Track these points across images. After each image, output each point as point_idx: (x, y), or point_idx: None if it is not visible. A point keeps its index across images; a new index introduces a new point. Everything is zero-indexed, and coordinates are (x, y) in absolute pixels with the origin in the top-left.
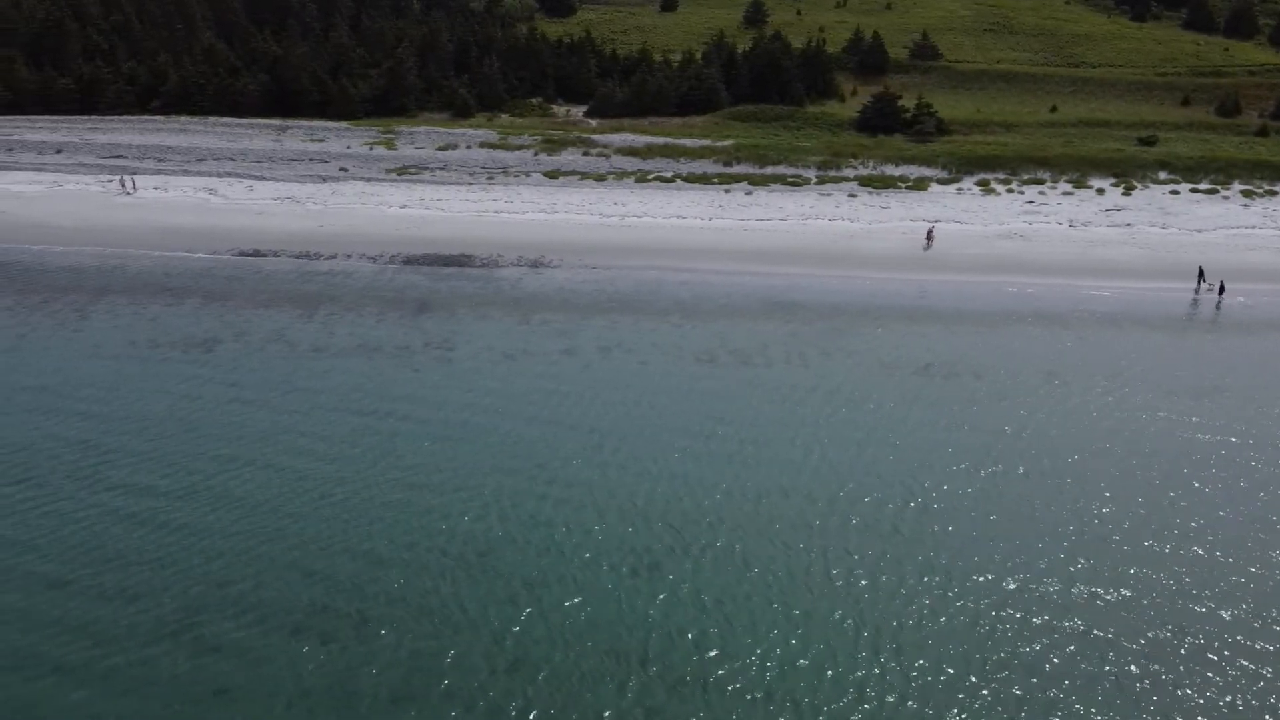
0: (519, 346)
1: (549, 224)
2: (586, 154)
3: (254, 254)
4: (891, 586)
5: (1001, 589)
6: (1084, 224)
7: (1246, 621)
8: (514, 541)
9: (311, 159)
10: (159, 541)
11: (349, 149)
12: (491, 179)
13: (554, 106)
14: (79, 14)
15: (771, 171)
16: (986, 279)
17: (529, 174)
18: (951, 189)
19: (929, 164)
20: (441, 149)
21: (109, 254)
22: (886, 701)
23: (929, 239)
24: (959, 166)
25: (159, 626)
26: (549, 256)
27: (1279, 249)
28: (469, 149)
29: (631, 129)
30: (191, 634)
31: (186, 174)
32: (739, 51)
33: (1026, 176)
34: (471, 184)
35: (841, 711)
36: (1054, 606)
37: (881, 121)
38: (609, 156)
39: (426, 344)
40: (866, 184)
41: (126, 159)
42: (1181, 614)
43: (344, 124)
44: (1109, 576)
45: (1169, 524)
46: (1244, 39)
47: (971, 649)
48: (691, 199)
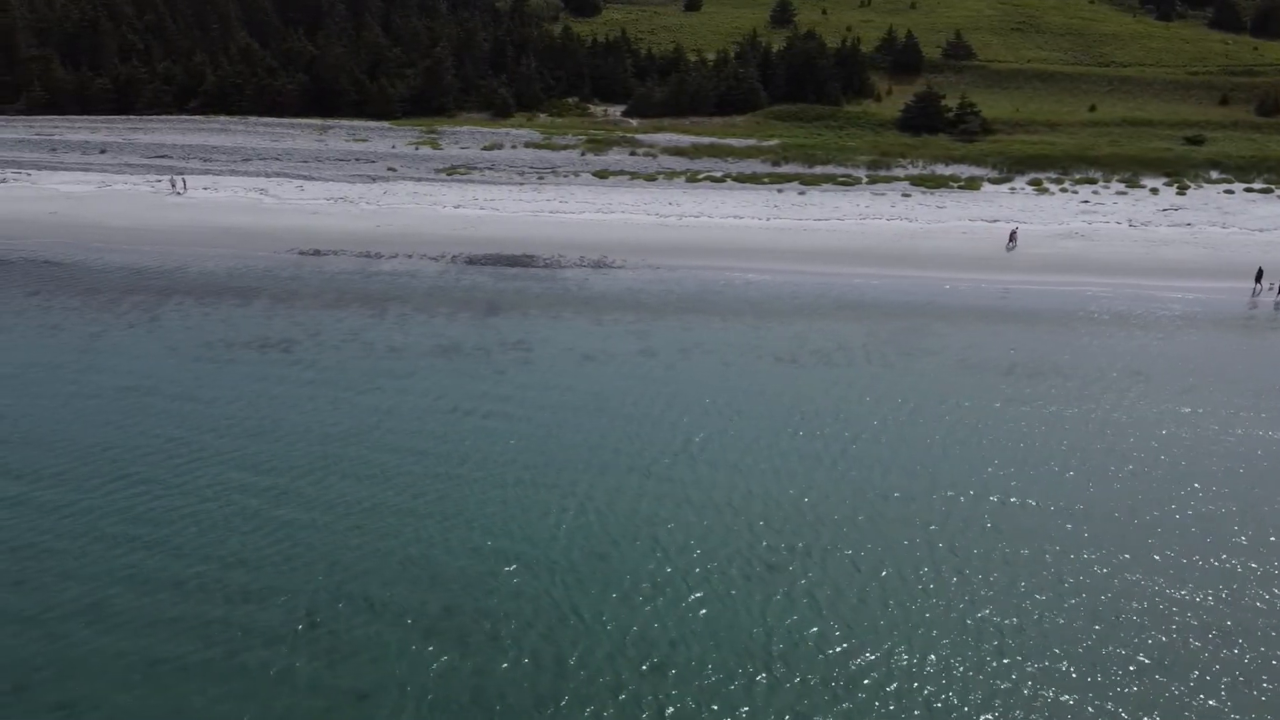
0: (597, 348)
1: (606, 224)
2: (633, 154)
3: (314, 254)
4: (1007, 586)
5: (1120, 588)
6: (1143, 224)
7: None
8: (625, 541)
9: (358, 159)
10: (278, 542)
11: (394, 149)
12: (542, 179)
13: (591, 106)
14: (113, 14)
15: (821, 171)
16: (1055, 279)
17: (578, 174)
18: (1004, 189)
19: (979, 163)
20: (487, 149)
21: (167, 254)
22: (1012, 700)
23: (1012, 239)
24: (1009, 166)
25: (288, 627)
26: (611, 257)
27: None
28: (514, 149)
29: (673, 129)
30: (322, 636)
31: (234, 174)
32: (773, 51)
33: (1078, 176)
34: (522, 184)
35: (967, 711)
36: (1179, 605)
37: (925, 121)
38: (656, 156)
39: (504, 345)
40: (918, 184)
41: (172, 159)
42: None
43: (385, 124)
44: (1233, 575)
45: None
46: (1272, 38)
47: (1092, 648)
48: (745, 199)
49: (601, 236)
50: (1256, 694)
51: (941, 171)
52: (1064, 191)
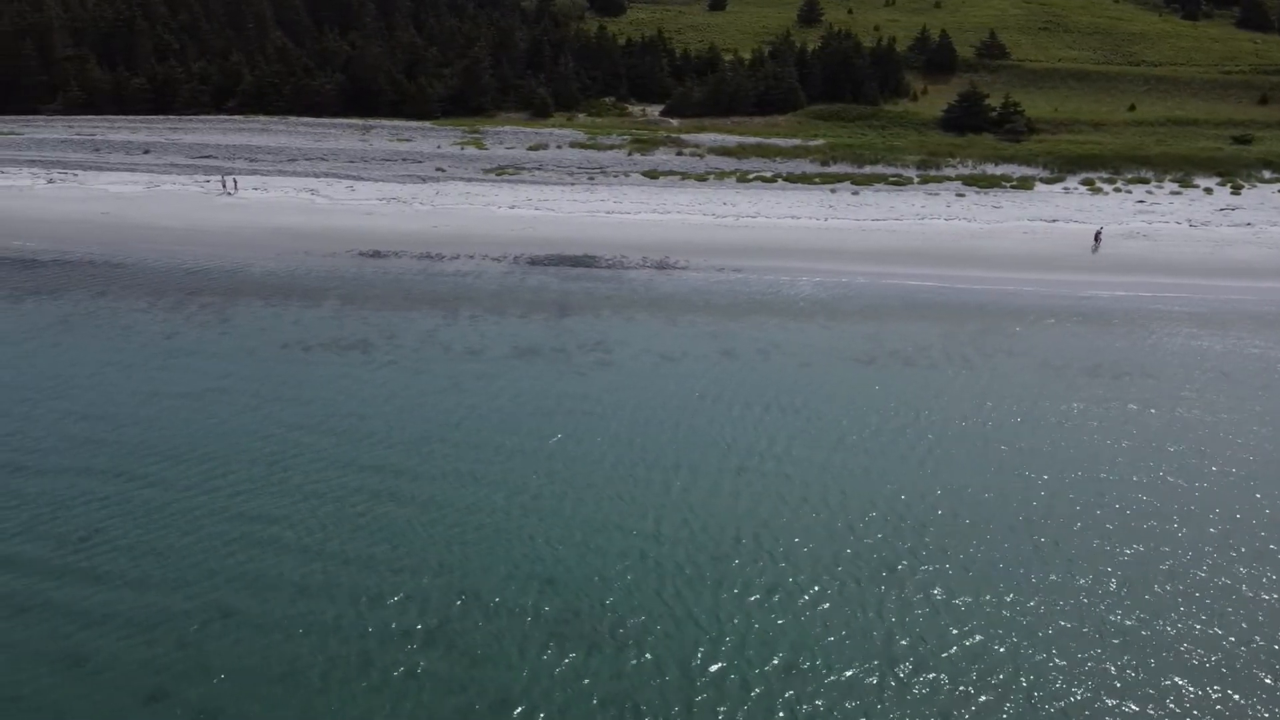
0: (676, 349)
1: (664, 224)
2: (680, 154)
3: (374, 255)
4: (1124, 586)
5: (1235, 587)
6: (1203, 224)
7: None
8: (731, 540)
9: (404, 159)
10: (392, 543)
11: (439, 149)
12: (592, 179)
13: (629, 106)
14: (147, 13)
15: (871, 171)
16: (1123, 279)
17: (628, 174)
18: (1057, 189)
19: (1029, 163)
20: (532, 149)
21: (225, 255)
22: (1136, 699)
23: (1097, 240)
24: (1060, 166)
25: (415, 629)
26: (673, 258)
27: None
28: (560, 149)
29: (715, 128)
30: (448, 637)
31: (282, 174)
32: (809, 51)
33: (1130, 176)
34: (574, 184)
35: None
36: None
37: (969, 120)
38: (703, 156)
39: (582, 346)
40: (970, 183)
41: (216, 159)
42: None
43: (427, 124)
44: None
45: None
46: None
47: (1210, 648)
48: (799, 199)
49: (661, 237)
50: None
51: (992, 171)
52: (1117, 191)
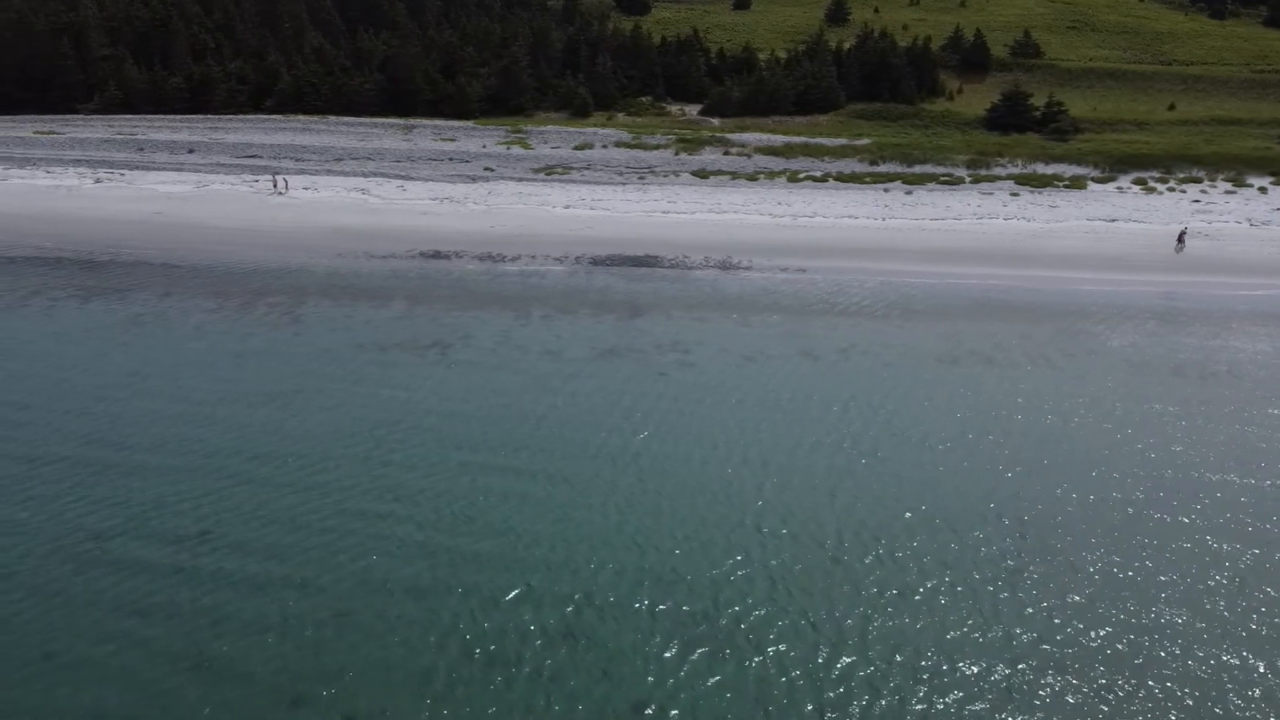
0: (754, 349)
1: (722, 224)
2: (727, 153)
3: (435, 255)
4: (1237, 585)
5: None
6: (1263, 223)
7: None
8: (845, 542)
9: (451, 158)
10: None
11: (484, 148)
12: (643, 179)
13: (666, 105)
14: (183, 12)
15: (921, 171)
16: (1192, 279)
17: (677, 174)
18: (1110, 188)
19: (1078, 162)
20: (578, 149)
21: (285, 255)
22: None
23: (1180, 241)
24: (1110, 165)
25: (543, 631)
26: (735, 258)
27: None
28: (605, 149)
29: (757, 128)
30: (578, 641)
31: (330, 174)
32: (843, 50)
33: (1181, 175)
34: (624, 184)
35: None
36: None
37: (1013, 120)
38: (750, 156)
39: (659, 347)
40: (1023, 183)
41: (262, 159)
42: None
43: (468, 123)
44: None
45: None
46: None
47: None
48: (853, 199)
49: (720, 237)
50: None
51: (1043, 171)
52: (1171, 191)
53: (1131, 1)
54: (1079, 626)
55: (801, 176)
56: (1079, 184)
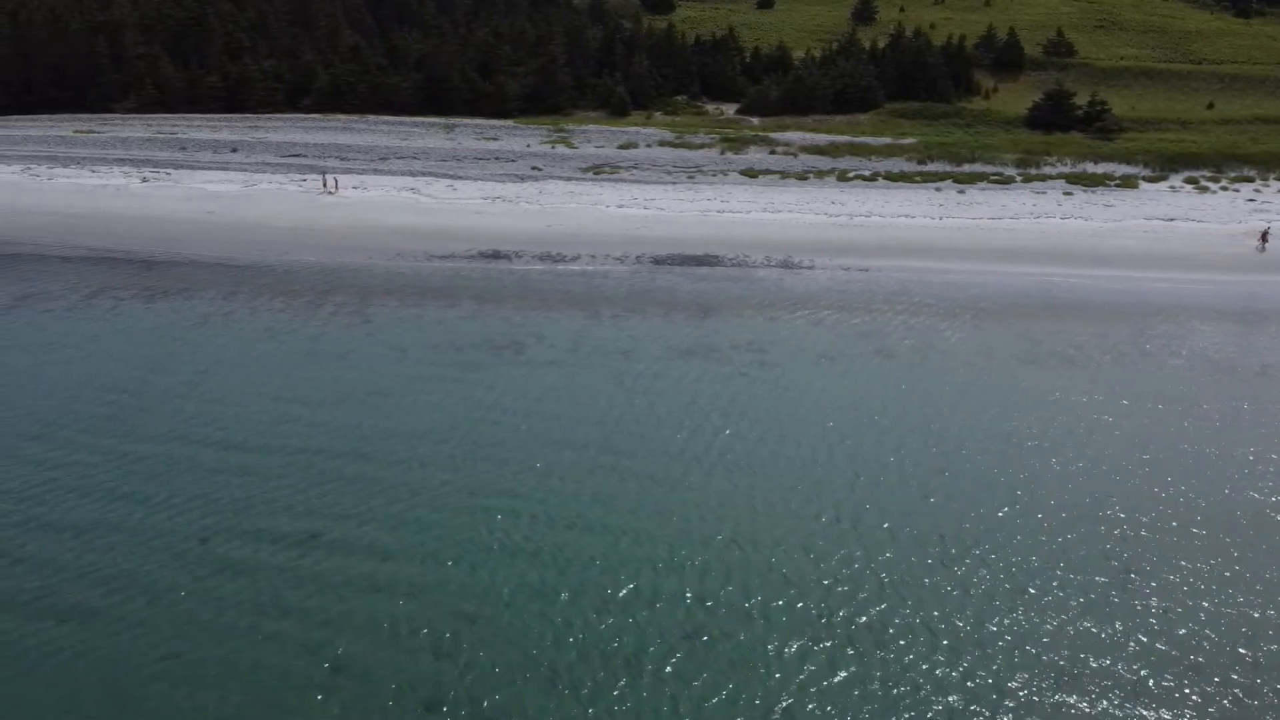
0: (830, 348)
1: (778, 223)
2: (772, 152)
3: (494, 255)
4: None
5: None
6: None
7: None
8: (948, 544)
9: (496, 158)
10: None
11: (529, 147)
12: (692, 178)
13: (703, 104)
14: (216, 10)
15: (970, 170)
16: (1260, 278)
17: (725, 173)
18: (1163, 187)
19: (1127, 161)
20: (622, 148)
21: (343, 254)
22: None
23: (1264, 240)
24: (1160, 164)
25: (666, 631)
26: (796, 257)
27: None
28: (649, 148)
29: (797, 127)
30: (702, 641)
31: (378, 173)
32: (877, 49)
33: (1233, 174)
34: (674, 183)
35: None
36: None
37: (1055, 118)
38: (796, 155)
39: (734, 346)
40: (1074, 182)
41: (306, 158)
42: None
43: (508, 122)
44: None
45: None
46: None
47: None
48: (906, 198)
49: (777, 236)
50: None
51: (1093, 170)
52: (1224, 190)
53: (1156, 1)
54: (1195, 625)
55: (851, 176)
56: (1130, 183)
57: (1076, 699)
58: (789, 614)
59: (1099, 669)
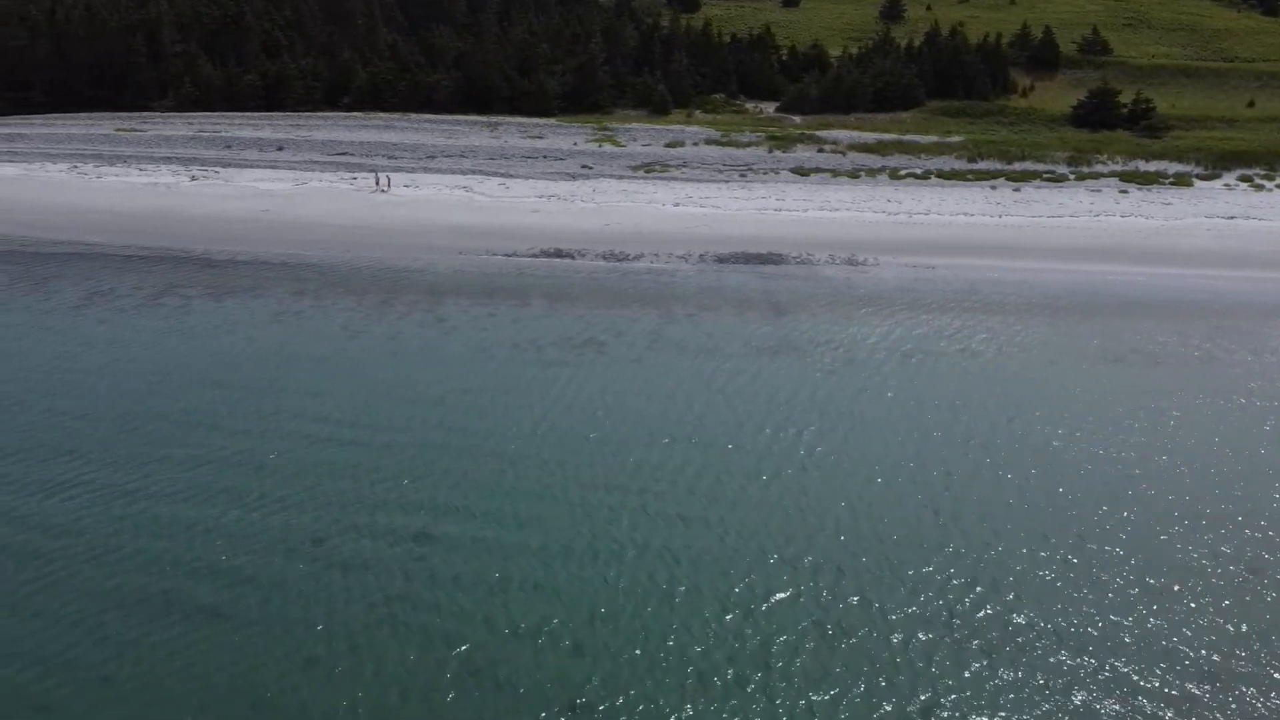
0: (912, 346)
1: (837, 221)
2: (820, 150)
3: (556, 253)
4: None
5: None
6: None
7: None
8: (1065, 543)
9: (544, 156)
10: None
11: (575, 146)
12: (744, 177)
13: (742, 103)
14: (253, 9)
15: (1021, 168)
16: None
17: (776, 171)
18: (1217, 185)
19: (1178, 159)
20: (670, 146)
21: (404, 253)
22: None
23: None
24: (1212, 162)
25: (799, 632)
26: (860, 255)
27: None
28: (696, 146)
29: (841, 125)
30: (838, 645)
31: (428, 171)
32: (913, 47)
33: None
34: (727, 182)
35: None
36: None
37: (1100, 117)
38: (845, 154)
39: (814, 344)
40: (1128, 180)
41: (354, 156)
42: None
43: (550, 120)
44: None
45: None
46: None
47: None
48: (962, 196)
49: (838, 234)
50: None
51: (1145, 168)
52: (1279, 188)
53: None
54: None
55: (903, 174)
56: (1184, 181)
57: (1208, 690)
58: (905, 611)
59: (1236, 670)
